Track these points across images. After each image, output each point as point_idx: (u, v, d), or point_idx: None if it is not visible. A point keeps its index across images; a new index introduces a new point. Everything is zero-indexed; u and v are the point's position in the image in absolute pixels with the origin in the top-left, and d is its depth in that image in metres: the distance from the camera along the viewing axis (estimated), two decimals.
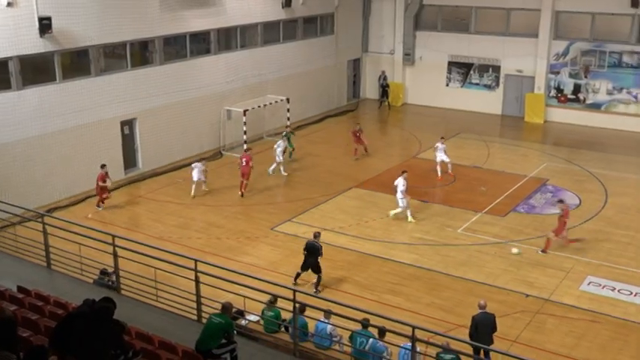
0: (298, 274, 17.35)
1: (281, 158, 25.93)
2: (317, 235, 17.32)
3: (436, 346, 12.22)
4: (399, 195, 21.53)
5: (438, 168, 25.60)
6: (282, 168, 26.08)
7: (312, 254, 17.06)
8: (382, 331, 12.73)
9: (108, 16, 23.65)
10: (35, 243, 15.00)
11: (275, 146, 26.29)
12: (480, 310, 13.47)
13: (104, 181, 22.18)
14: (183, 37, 27.14)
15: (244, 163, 23.83)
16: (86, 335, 8.89)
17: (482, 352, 13.17)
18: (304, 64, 33.56)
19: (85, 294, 9.91)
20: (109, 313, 9.05)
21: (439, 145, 25.63)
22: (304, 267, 17.30)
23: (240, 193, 23.82)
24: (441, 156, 25.45)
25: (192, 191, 23.68)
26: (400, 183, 21.59)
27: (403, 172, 21.98)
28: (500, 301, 16.74)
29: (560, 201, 20.63)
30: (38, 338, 9.66)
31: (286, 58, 32.32)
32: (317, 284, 17.17)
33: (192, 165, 24.07)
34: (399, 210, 21.65)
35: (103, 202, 22.53)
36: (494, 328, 13.41)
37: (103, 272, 14.87)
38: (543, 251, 19.39)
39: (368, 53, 38.46)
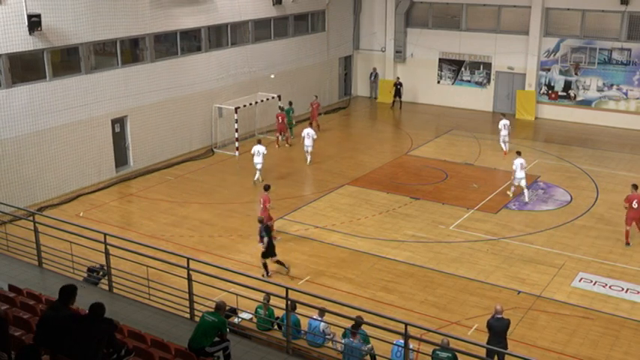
0: (266, 265, 17.79)
1: (311, 148, 26.84)
2: (262, 220, 17.89)
3: (429, 343, 12.25)
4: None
5: (504, 145, 27.90)
6: (309, 158, 27.10)
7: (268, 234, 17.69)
8: (356, 324, 12.67)
9: (98, 13, 23.52)
10: (26, 242, 14.91)
11: (303, 135, 27.05)
12: (497, 315, 13.38)
13: (266, 207, 19.59)
14: (173, 35, 27.03)
15: (280, 121, 28.65)
16: (79, 334, 8.87)
17: (496, 356, 13.21)
18: (295, 61, 33.53)
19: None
20: (101, 311, 9.01)
21: (504, 122, 27.94)
22: (271, 253, 17.76)
23: (277, 145, 28.79)
24: (504, 134, 27.81)
25: (257, 175, 24.99)
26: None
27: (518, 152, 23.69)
28: (492, 297, 16.78)
29: None
30: (30, 337, 9.61)
31: (277, 56, 32.27)
32: (283, 265, 17.83)
33: (253, 150, 24.77)
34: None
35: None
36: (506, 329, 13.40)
37: (91, 270, 14.82)
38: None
39: (359, 50, 38.47)
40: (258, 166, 24.65)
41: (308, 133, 26.92)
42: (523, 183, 22.97)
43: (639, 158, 28.00)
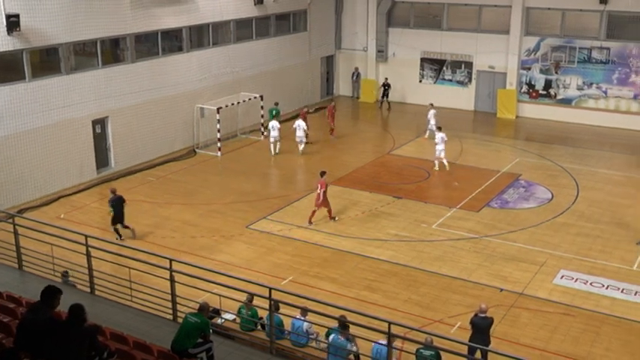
0: (117, 230, 19.76)
1: (304, 139, 27.89)
2: (114, 191, 19.99)
3: (413, 342, 12.29)
4: None
5: (428, 132, 29.63)
6: (301, 147, 28.04)
7: (119, 206, 19.64)
8: (343, 324, 12.67)
9: (78, 13, 23.33)
10: (6, 244, 14.74)
11: (294, 126, 27.89)
12: (481, 314, 13.48)
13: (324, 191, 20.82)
14: (154, 35, 26.88)
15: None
16: (59, 337, 8.78)
17: (479, 353, 13.25)
18: (277, 61, 33.48)
19: None
20: (80, 312, 8.89)
21: (433, 111, 30.02)
22: (120, 220, 19.78)
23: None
24: (433, 123, 29.38)
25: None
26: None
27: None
28: (475, 295, 16.87)
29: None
30: (10, 341, 9.51)
31: (259, 56, 32.21)
32: (132, 231, 19.95)
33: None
34: None
35: (322, 216, 21.20)
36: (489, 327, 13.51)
37: (65, 274, 14.70)
38: None
39: (341, 50, 38.50)
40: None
41: (299, 125, 27.66)
42: (442, 154, 25.81)
43: (619, 156, 28.31)
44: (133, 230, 20.06)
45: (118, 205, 19.72)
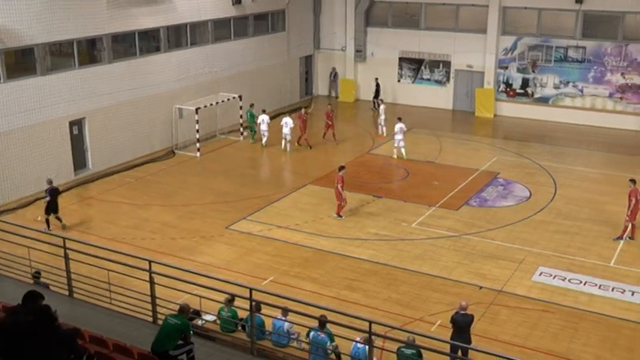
0: (48, 220, 20.29)
1: (289, 136, 28.01)
2: (51, 182, 20.54)
3: (393, 340, 12.32)
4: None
5: (380, 128, 30.89)
6: (289, 145, 28.15)
7: (55, 196, 20.34)
8: (322, 323, 12.69)
9: (54, 13, 23.08)
10: None
11: (282, 124, 28.08)
12: (461, 311, 13.54)
13: (342, 186, 21.38)
14: (132, 35, 26.68)
15: (301, 122, 28.79)
16: (39, 341, 8.67)
17: (460, 351, 13.31)
18: (256, 61, 33.41)
19: None
20: (48, 312, 8.77)
21: (384, 107, 31.11)
22: (54, 210, 20.34)
23: (298, 144, 28.85)
24: (383, 118, 30.67)
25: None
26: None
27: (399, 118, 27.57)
28: (454, 293, 16.96)
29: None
30: None
31: (238, 56, 32.11)
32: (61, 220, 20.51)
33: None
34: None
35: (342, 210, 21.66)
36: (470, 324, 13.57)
37: (37, 274, 14.53)
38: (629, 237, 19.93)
39: (320, 50, 38.53)
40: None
41: (286, 122, 27.83)
42: (402, 144, 27.04)
43: (595, 153, 28.63)
44: (63, 222, 20.51)
45: (53, 195, 20.24)
